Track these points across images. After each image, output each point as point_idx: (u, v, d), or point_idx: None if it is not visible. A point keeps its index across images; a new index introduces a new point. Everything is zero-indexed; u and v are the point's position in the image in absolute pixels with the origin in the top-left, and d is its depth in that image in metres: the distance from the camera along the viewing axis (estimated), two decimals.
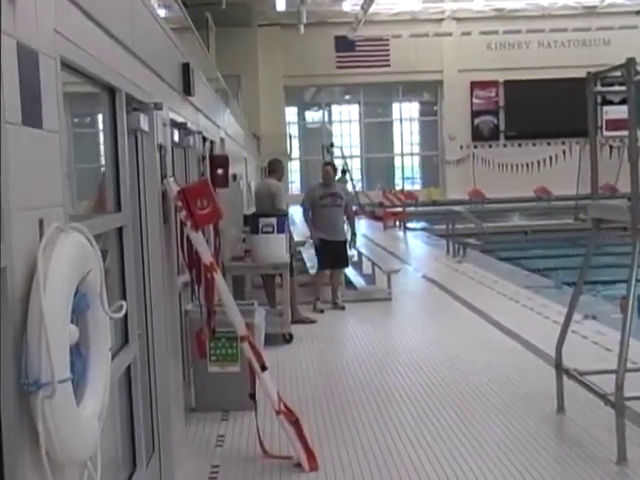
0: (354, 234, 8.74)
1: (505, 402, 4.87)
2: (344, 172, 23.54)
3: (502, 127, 30.60)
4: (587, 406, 4.51)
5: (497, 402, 4.88)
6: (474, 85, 30.41)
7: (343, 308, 8.28)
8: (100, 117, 2.98)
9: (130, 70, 3.09)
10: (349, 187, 25.32)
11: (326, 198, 8.28)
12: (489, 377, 5.45)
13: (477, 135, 30.65)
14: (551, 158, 30.15)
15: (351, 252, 10.47)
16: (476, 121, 30.66)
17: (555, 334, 4.72)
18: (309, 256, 10.53)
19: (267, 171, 8.29)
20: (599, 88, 4.64)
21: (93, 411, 1.95)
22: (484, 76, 29.89)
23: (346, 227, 8.64)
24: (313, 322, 7.60)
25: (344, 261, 8.56)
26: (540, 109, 29.03)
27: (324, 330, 7.33)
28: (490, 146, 30.72)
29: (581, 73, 5.27)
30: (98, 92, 2.81)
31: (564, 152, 30.01)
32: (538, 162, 30.17)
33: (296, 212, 10.67)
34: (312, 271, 9.14)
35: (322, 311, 8.08)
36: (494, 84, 30.37)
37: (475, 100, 30.59)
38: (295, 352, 6.47)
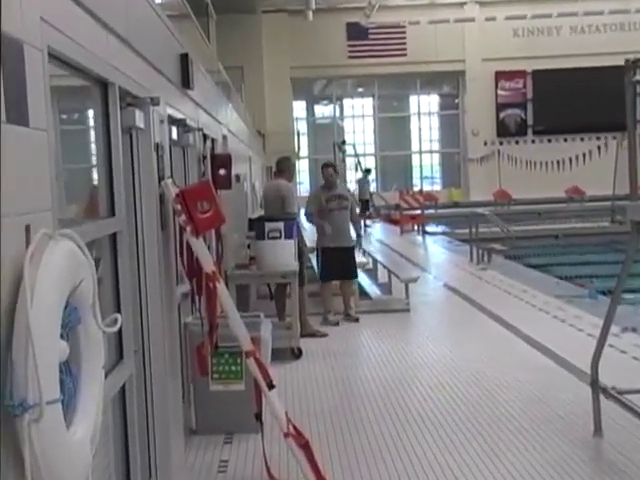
0: (359, 236, 8.71)
1: (536, 424, 4.84)
2: (367, 171, 23.62)
3: (530, 121, 30.54)
4: (627, 428, 4.46)
5: (527, 424, 4.85)
6: (499, 76, 30.36)
7: (357, 320, 8.27)
8: (91, 113, 2.98)
9: (124, 62, 3.10)
10: (372, 188, 25.36)
11: (332, 201, 8.27)
12: (518, 396, 5.41)
13: (503, 130, 30.59)
14: (584, 155, 30.03)
15: (365, 259, 10.46)
16: (501, 115, 30.61)
17: (590, 348, 4.68)
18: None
19: (275, 171, 8.29)
20: (639, 77, 4.61)
21: (84, 435, 1.95)
22: (510, 65, 29.83)
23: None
24: (324, 336, 7.58)
25: (353, 270, 8.51)
26: (572, 101, 28.93)
27: (336, 344, 7.31)
28: (517, 142, 30.65)
29: (618, 61, 5.25)
30: (89, 86, 2.81)
31: (599, 148, 29.89)
32: (570, 159, 30.06)
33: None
34: None
35: (337, 323, 8.07)
36: (521, 74, 30.31)
37: (500, 92, 30.53)
38: (305, 369, 6.46)
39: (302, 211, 8.49)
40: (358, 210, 11.11)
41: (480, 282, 10.71)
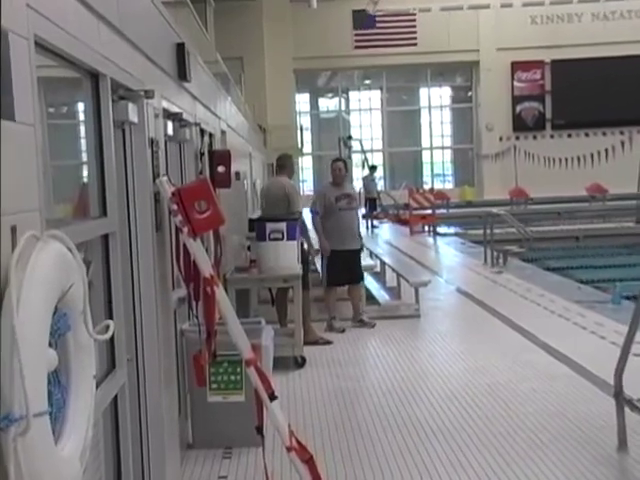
0: (360, 237, 8.70)
1: (555, 438, 4.82)
2: (373, 168, 23.58)
3: (549, 115, 30.53)
4: None
5: (546, 438, 4.83)
6: (516, 66, 30.35)
7: (373, 326, 8.26)
8: (82, 107, 2.98)
9: (116, 52, 3.10)
10: (379, 187, 25.32)
11: (342, 200, 8.25)
12: (536, 408, 5.40)
13: (519, 124, 30.59)
14: (607, 150, 29.99)
15: (372, 262, 10.46)
16: (518, 108, 30.60)
17: (613, 357, 4.66)
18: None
19: (277, 168, 8.30)
20: None
21: (74, 450, 1.94)
22: (528, 55, 29.81)
23: None
24: (329, 343, 7.58)
25: (360, 274, 8.52)
26: (594, 93, 28.89)
27: (342, 353, 7.31)
28: (535, 137, 30.63)
29: None
30: (79, 78, 2.81)
31: (622, 143, 29.85)
32: (591, 155, 30.03)
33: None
34: None
35: (343, 330, 8.06)
36: (539, 64, 30.29)
37: (517, 84, 30.52)
38: (309, 378, 6.46)
39: (307, 209, 8.46)
40: (364, 210, 11.13)
41: (495, 286, 10.69)
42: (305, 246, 7.79)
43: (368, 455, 4.69)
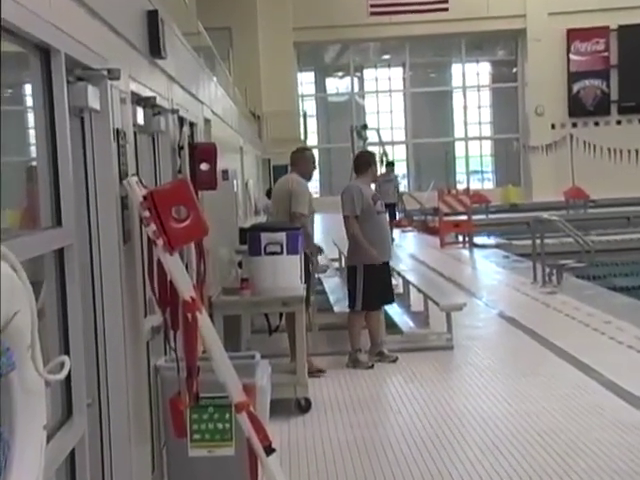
0: None
1: None
2: (390, 165, 23.54)
3: (614, 95, 30.55)
4: None
5: None
6: (572, 35, 30.39)
7: (395, 360, 8.29)
8: (29, 90, 2.99)
9: (72, 22, 3.11)
10: (401, 187, 25.31)
11: (378, 202, 8.34)
12: (601, 464, 5.36)
13: (577, 108, 30.62)
14: None
15: (393, 281, 10.46)
16: (575, 87, 30.64)
17: None
18: (333, 286, 10.52)
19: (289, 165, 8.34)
20: None
21: None
22: (587, 20, 29.80)
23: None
24: (320, 372, 7.71)
25: (393, 291, 8.62)
26: None
27: (355, 393, 7.30)
28: (596, 124, 30.66)
29: None
30: (25, 53, 2.82)
31: None
32: None
33: (329, 222, 10.66)
34: (338, 308, 9.12)
35: (371, 366, 8.11)
36: (602, 32, 30.30)
37: (574, 57, 30.57)
38: (315, 426, 6.44)
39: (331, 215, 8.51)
40: None
41: (547, 310, 10.66)
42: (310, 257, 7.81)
43: None
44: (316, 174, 10.27)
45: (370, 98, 33.35)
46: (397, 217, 22.40)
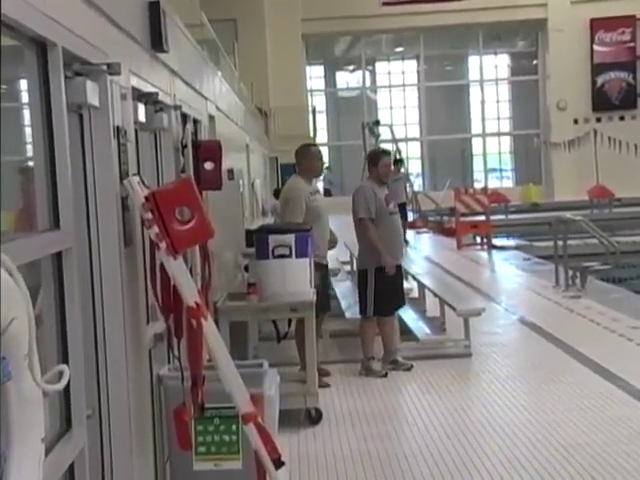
0: None
1: None
2: (398, 162, 23.46)
3: None
4: None
5: None
6: (596, 24, 30.33)
7: (409, 368, 8.29)
8: (25, 86, 2.99)
9: (69, 14, 3.11)
10: (416, 186, 25.22)
11: (390, 202, 8.35)
12: (630, 479, 5.34)
13: (601, 102, 30.55)
14: None
15: (407, 285, 10.46)
16: (599, 80, 30.57)
17: None
18: (344, 291, 10.52)
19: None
20: None
21: None
22: (612, 9, 29.72)
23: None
24: (327, 375, 7.77)
25: (404, 295, 8.67)
26: None
27: (369, 403, 7.30)
28: (622, 118, 30.58)
29: None
30: (21, 47, 2.83)
31: None
32: None
33: (340, 223, 10.63)
34: (350, 314, 9.12)
35: (385, 375, 8.12)
36: (628, 21, 30.22)
37: (598, 48, 30.49)
38: (326, 438, 6.44)
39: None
40: None
41: (571, 316, 10.64)
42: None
43: None
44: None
45: (383, 93, 33.36)
46: (408, 217, 22.37)
